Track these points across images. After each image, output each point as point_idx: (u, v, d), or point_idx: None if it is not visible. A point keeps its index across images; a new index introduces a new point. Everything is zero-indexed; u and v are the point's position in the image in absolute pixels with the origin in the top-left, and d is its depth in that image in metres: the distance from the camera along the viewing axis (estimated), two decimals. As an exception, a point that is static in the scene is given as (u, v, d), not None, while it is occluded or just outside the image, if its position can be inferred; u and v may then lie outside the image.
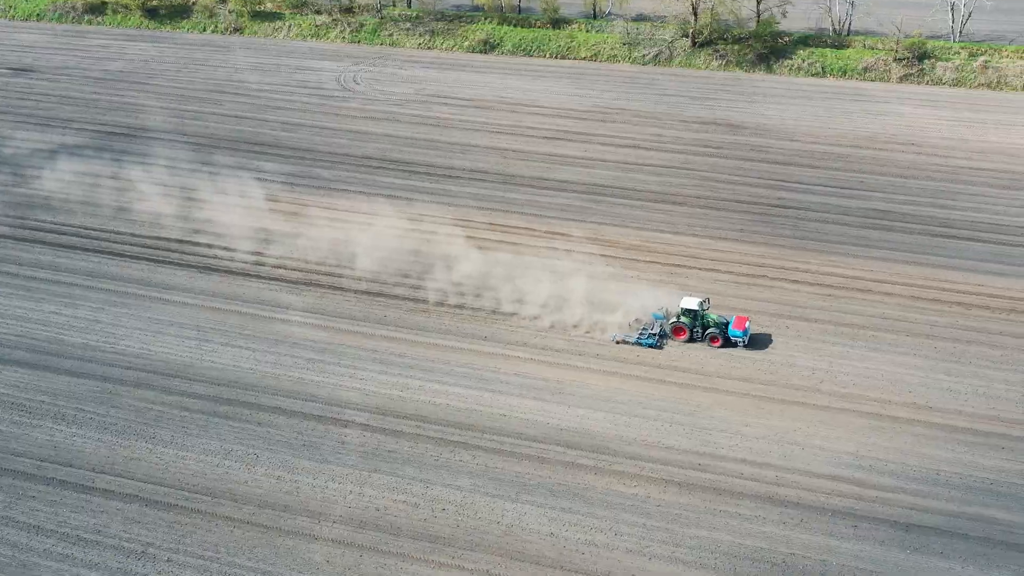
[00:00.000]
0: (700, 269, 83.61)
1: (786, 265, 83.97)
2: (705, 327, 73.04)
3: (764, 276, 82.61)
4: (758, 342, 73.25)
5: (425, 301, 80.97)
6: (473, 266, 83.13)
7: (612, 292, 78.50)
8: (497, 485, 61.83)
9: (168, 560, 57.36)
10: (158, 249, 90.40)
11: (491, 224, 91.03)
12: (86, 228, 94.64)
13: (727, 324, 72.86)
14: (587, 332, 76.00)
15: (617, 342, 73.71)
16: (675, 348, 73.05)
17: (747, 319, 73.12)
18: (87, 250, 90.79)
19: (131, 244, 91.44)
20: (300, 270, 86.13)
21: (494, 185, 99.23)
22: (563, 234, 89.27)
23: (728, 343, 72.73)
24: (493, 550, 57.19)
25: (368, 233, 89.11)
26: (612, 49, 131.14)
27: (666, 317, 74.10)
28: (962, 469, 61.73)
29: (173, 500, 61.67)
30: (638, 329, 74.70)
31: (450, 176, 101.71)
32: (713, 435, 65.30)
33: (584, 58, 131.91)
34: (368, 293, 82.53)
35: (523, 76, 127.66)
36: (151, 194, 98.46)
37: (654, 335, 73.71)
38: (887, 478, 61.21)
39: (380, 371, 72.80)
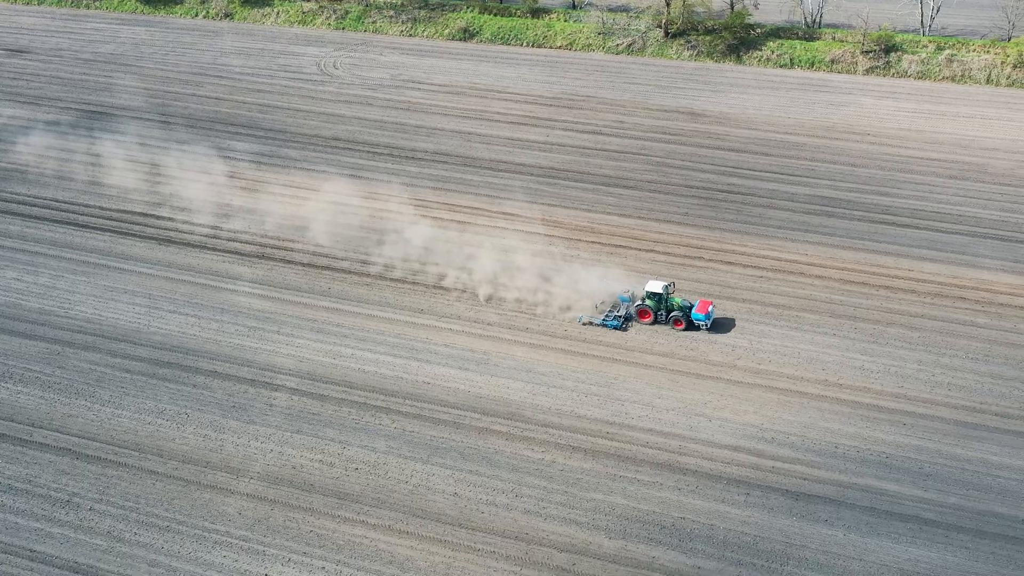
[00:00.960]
0: (639, 250, 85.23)
1: (724, 248, 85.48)
2: (669, 310, 73.96)
3: (700, 257, 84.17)
4: (721, 326, 73.94)
5: (368, 275, 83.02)
6: (419, 242, 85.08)
7: (550, 270, 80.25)
8: (411, 448, 63.87)
9: (90, 509, 59.81)
10: (122, 221, 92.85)
11: (444, 204, 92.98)
12: (56, 200, 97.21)
13: (691, 308, 73.70)
14: (521, 306, 77.81)
15: (584, 324, 74.70)
16: (638, 330, 73.56)
17: (711, 303, 73.98)
18: (54, 221, 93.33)
19: (97, 216, 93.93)
20: (254, 243, 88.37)
21: (454, 167, 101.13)
22: (513, 215, 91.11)
23: (691, 326, 73.61)
24: (398, 507, 59.27)
25: (324, 210, 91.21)
26: (587, 38, 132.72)
27: (632, 300, 75.14)
28: (860, 443, 63.26)
29: (103, 454, 64.09)
30: (604, 311, 75.57)
31: (412, 158, 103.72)
32: (626, 406, 67.06)
33: (560, 47, 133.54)
34: (315, 266, 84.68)
35: (498, 63, 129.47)
36: (122, 169, 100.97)
37: (619, 317, 74.60)
38: (786, 449, 62.83)
39: (316, 339, 74.93)
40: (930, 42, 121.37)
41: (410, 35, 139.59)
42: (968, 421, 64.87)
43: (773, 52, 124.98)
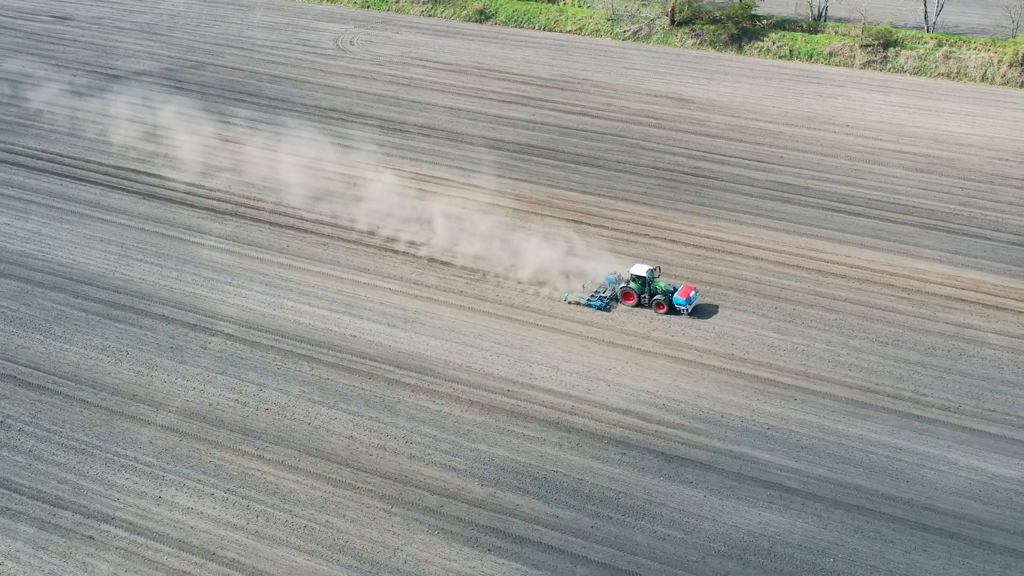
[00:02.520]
0: (590, 224, 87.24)
1: (671, 227, 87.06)
2: (652, 293, 74.68)
3: (646, 235, 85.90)
4: (703, 311, 74.43)
5: (326, 235, 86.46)
6: (381, 208, 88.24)
7: (498, 239, 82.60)
8: (321, 393, 67.12)
9: (20, 430, 64.20)
10: (115, 177, 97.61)
11: (417, 173, 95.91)
12: (61, 155, 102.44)
13: (673, 292, 74.32)
14: (463, 270, 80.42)
15: (570, 303, 75.52)
16: (622, 312, 74.58)
17: (693, 289, 74.35)
18: (55, 174, 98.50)
19: (94, 171, 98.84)
20: (230, 202, 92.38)
21: (437, 141, 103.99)
22: (478, 187, 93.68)
23: (673, 310, 74.33)
24: (295, 446, 62.59)
25: (303, 174, 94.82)
26: (596, 24, 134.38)
27: (618, 282, 76.05)
28: (747, 414, 64.81)
29: (43, 383, 68.55)
30: (591, 292, 76.49)
31: (399, 130, 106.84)
32: (533, 367, 69.43)
33: (569, 31, 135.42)
34: (280, 225, 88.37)
35: (506, 45, 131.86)
36: (126, 129, 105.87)
37: (604, 298, 75.34)
38: (673, 416, 64.67)
39: (263, 292, 78.57)
40: (932, 39, 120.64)
41: (429, 15, 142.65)
42: (859, 400, 65.94)
43: (774, 43, 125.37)
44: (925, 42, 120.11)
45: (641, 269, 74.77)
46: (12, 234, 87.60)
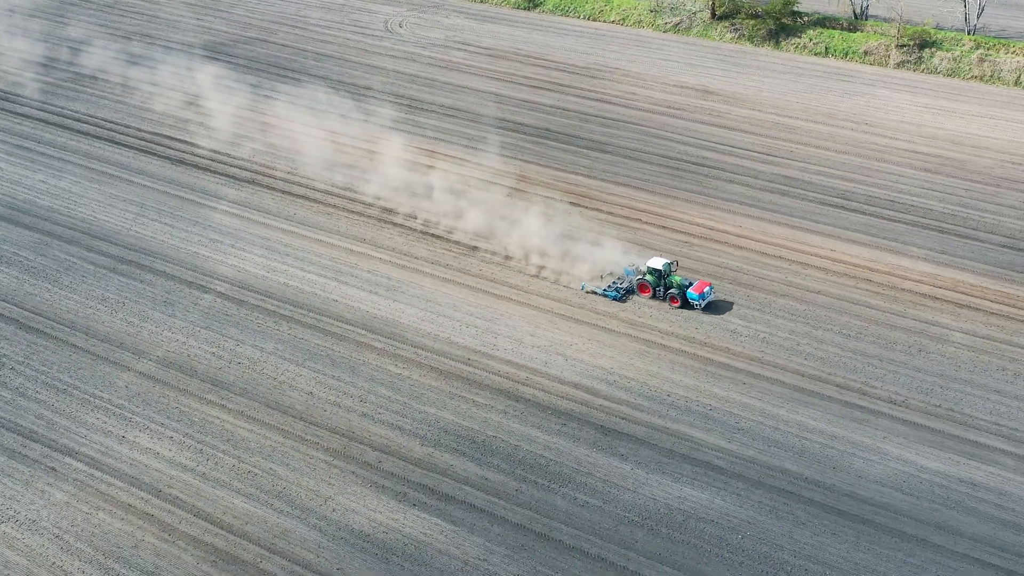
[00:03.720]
0: (586, 208, 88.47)
1: (664, 213, 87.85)
2: (667, 287, 74.17)
3: (638, 220, 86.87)
4: (716, 308, 73.85)
5: (332, 205, 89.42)
6: (388, 182, 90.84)
7: (493, 215, 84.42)
8: (293, 351, 70.06)
9: (11, 368, 68.54)
10: (149, 142, 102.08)
11: (429, 151, 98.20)
12: (105, 120, 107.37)
13: (688, 286, 73.53)
14: (454, 244, 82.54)
15: (587, 292, 75.56)
16: (637, 303, 74.32)
17: (708, 284, 73.76)
18: (95, 136, 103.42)
19: (132, 136, 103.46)
20: (250, 170, 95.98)
21: (459, 121, 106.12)
22: (486, 166, 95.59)
23: (687, 304, 73.64)
24: (257, 398, 65.64)
25: (322, 147, 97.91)
26: (640, 15, 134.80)
27: (636, 273, 75.79)
28: (693, 394, 65.75)
29: (41, 327, 72.86)
30: (609, 282, 76.83)
31: (426, 110, 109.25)
32: (498, 339, 71.31)
33: (612, 21, 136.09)
34: (291, 194, 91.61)
35: (548, 32, 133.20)
36: (169, 99, 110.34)
37: (620, 289, 75.02)
38: (620, 392, 65.97)
39: (261, 255, 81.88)
40: (971, 41, 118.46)
41: (481, 1, 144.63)
42: (807, 388, 66.31)
43: (811, 40, 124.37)
44: (963, 44, 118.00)
45: (658, 262, 74.30)
46: (44, 190, 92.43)
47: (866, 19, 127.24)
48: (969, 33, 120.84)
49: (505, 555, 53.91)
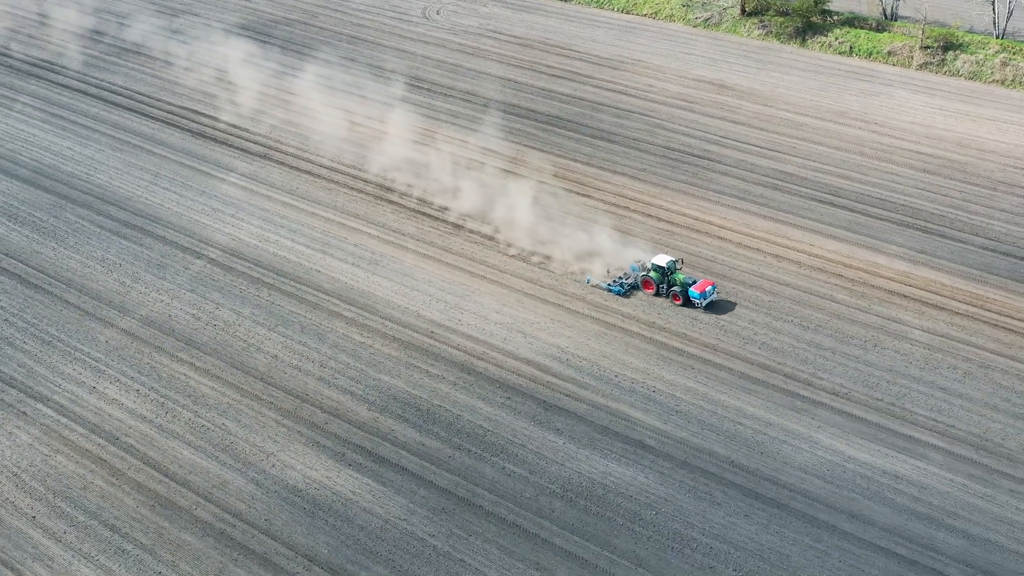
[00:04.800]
0: (578, 194, 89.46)
1: (654, 202, 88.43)
2: (671, 284, 73.82)
3: (627, 208, 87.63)
4: (718, 307, 73.41)
5: (334, 181, 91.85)
6: (390, 162, 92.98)
7: (484, 196, 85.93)
8: (267, 317, 72.65)
9: (5, 320, 72.31)
10: (175, 115, 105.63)
11: (439, 134, 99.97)
12: (139, 92, 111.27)
13: (691, 285, 72.99)
14: (442, 223, 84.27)
15: (592, 285, 75.68)
16: (641, 299, 74.08)
17: (711, 283, 73.21)
18: (125, 108, 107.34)
19: (160, 109, 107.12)
20: (264, 145, 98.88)
21: (474, 107, 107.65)
22: (490, 150, 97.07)
23: (689, 302, 73.20)
24: (224, 358, 68.37)
25: (338, 126, 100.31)
26: (671, 9, 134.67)
27: (641, 270, 75.24)
28: (640, 376, 66.70)
29: (40, 283, 76.61)
30: (615, 277, 75.94)
31: (446, 95, 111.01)
32: (464, 315, 72.98)
33: (644, 14, 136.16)
34: (298, 169, 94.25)
35: (580, 23, 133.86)
36: (202, 75, 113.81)
37: (625, 284, 74.67)
38: (570, 370, 67.19)
39: (257, 226, 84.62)
40: (998, 45, 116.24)
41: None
42: (754, 376, 66.79)
43: (836, 39, 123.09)
44: (988, 48, 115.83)
45: (662, 260, 73.98)
46: (69, 156, 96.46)
47: (895, 19, 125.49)
48: (997, 37, 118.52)
49: (425, 516, 55.72)
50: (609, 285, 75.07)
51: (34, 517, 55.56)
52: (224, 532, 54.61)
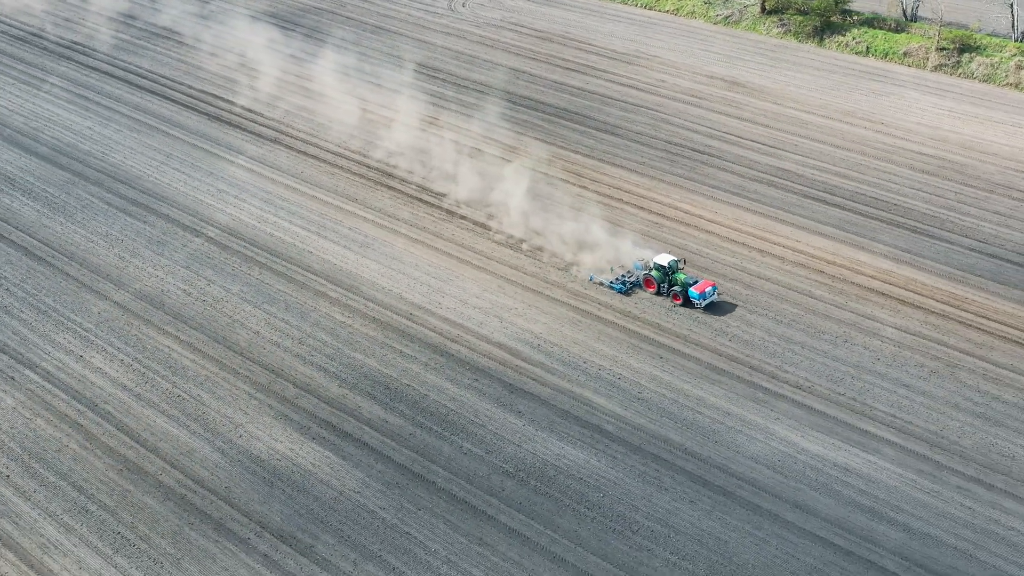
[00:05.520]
0: (575, 185, 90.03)
1: (647, 195, 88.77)
2: (672, 284, 73.41)
3: (620, 199, 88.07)
4: (718, 308, 72.92)
5: (339, 167, 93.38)
6: (394, 147, 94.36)
7: (480, 184, 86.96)
8: (255, 294, 74.36)
9: (6, 290, 74.82)
10: (195, 99, 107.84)
11: (444, 122, 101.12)
12: (162, 76, 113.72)
13: (691, 285, 72.54)
14: (437, 209, 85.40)
15: (595, 282, 75.27)
16: (639, 296, 76.96)
17: (712, 284, 72.62)
18: (148, 90, 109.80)
19: (180, 92, 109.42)
20: (275, 129, 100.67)
21: (484, 97, 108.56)
22: (493, 139, 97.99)
23: (688, 302, 72.68)
24: (208, 333, 70.20)
25: (350, 113, 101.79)
26: (693, 6, 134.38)
27: (644, 269, 74.81)
28: (607, 363, 67.34)
29: (44, 256, 79.09)
30: (618, 275, 75.53)
31: (459, 85, 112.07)
32: (444, 298, 74.11)
33: (666, 11, 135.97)
34: (305, 154, 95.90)
35: (601, 18, 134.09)
36: (224, 60, 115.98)
37: (627, 282, 74.41)
38: (540, 355, 68.04)
39: (258, 206, 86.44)
40: (1015, 48, 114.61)
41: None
42: (720, 367, 67.12)
43: (854, 39, 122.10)
44: (1005, 50, 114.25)
45: (664, 259, 73.70)
46: (88, 136, 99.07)
47: (915, 20, 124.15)
48: (1017, 40, 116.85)
49: (378, 490, 56.99)
50: (611, 283, 74.81)
51: (8, 476, 57.66)
52: (184, 497, 56.27)
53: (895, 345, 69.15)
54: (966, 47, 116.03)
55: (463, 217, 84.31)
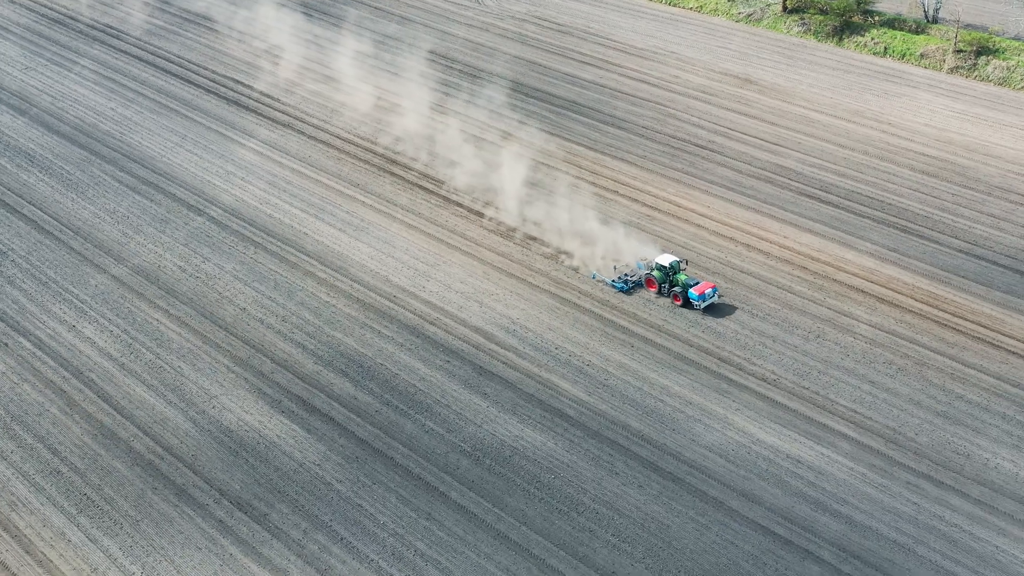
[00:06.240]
0: (575, 176, 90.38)
1: (643, 187, 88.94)
2: (672, 284, 72.97)
3: (615, 191, 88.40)
4: (717, 310, 72.41)
5: (346, 152, 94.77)
6: (401, 135, 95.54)
7: (484, 173, 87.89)
8: (247, 272, 76.06)
9: (12, 261, 77.46)
10: (217, 83, 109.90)
11: (451, 110, 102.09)
12: (188, 60, 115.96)
13: (692, 286, 71.86)
14: (435, 196, 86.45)
15: (597, 280, 74.73)
16: (640, 296, 77.85)
17: (712, 286, 71.90)
18: (173, 74, 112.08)
19: (203, 76, 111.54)
20: (290, 115, 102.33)
21: (494, 87, 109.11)
22: (498, 128, 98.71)
23: (688, 304, 72.00)
24: (196, 307, 72.05)
25: (363, 101, 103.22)
26: (716, 3, 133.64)
27: (646, 268, 74.54)
28: (579, 350, 67.96)
29: (52, 229, 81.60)
30: (621, 274, 75.09)
31: (470, 74, 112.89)
32: (429, 282, 75.18)
33: (689, 8, 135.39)
34: (316, 140, 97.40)
35: (624, 14, 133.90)
36: (250, 47, 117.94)
37: (629, 281, 74.01)
38: (514, 340, 68.86)
39: (262, 188, 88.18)
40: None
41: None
42: (689, 358, 67.41)
43: (872, 39, 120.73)
44: (1023, 54, 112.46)
45: (666, 259, 73.39)
46: (110, 116, 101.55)
47: (936, 22, 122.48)
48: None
49: (338, 463, 58.24)
50: (613, 281, 74.64)
51: (-11, 436, 59.78)
52: (152, 463, 58.01)
53: (867, 342, 68.84)
54: (984, 50, 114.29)
55: (459, 204, 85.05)
